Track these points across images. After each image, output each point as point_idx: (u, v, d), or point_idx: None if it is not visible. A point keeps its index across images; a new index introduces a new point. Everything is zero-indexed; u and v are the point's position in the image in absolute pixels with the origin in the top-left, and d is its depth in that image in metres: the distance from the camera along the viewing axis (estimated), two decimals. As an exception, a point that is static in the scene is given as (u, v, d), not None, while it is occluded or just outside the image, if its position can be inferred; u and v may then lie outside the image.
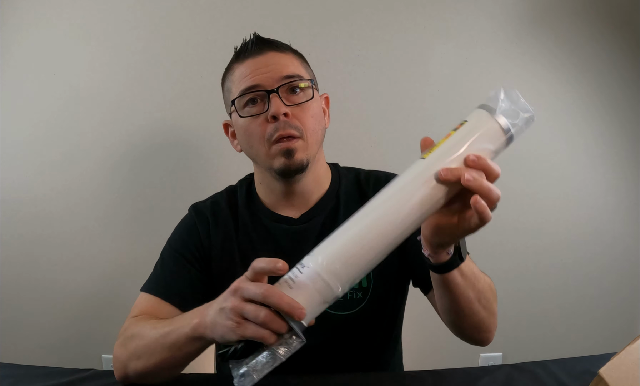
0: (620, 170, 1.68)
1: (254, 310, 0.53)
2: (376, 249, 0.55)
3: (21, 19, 1.49)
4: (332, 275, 0.53)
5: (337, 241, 0.55)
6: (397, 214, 0.54)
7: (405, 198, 0.55)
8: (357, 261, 0.54)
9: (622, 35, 1.63)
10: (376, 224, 0.55)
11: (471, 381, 0.77)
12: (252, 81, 0.81)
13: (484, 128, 0.57)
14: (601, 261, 1.71)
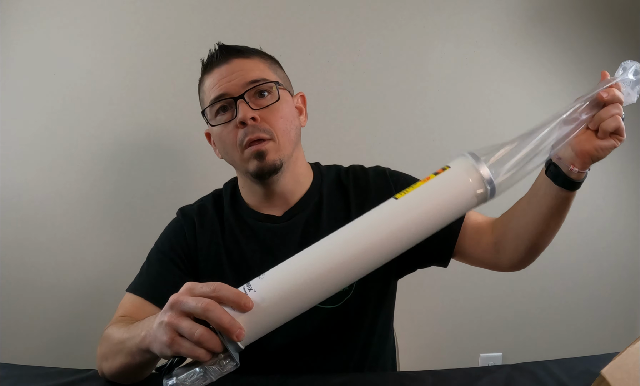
0: (620, 170, 1.68)
1: (189, 328, 0.52)
2: (321, 293, 0.55)
3: (21, 19, 1.49)
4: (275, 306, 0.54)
5: (283, 273, 0.55)
6: (359, 259, 0.55)
7: (370, 244, 0.55)
8: (293, 302, 0.54)
9: (622, 35, 1.63)
10: (330, 268, 0.55)
11: (471, 381, 0.77)
12: (219, 90, 0.83)
13: (462, 183, 0.56)
14: (601, 261, 1.72)
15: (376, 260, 0.56)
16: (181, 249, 0.89)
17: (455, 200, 0.56)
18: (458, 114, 1.62)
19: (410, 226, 0.55)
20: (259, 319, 0.54)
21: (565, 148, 0.67)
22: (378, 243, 0.55)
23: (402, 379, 0.80)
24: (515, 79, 1.62)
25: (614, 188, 1.69)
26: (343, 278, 0.55)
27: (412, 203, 0.56)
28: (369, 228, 0.56)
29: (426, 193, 0.56)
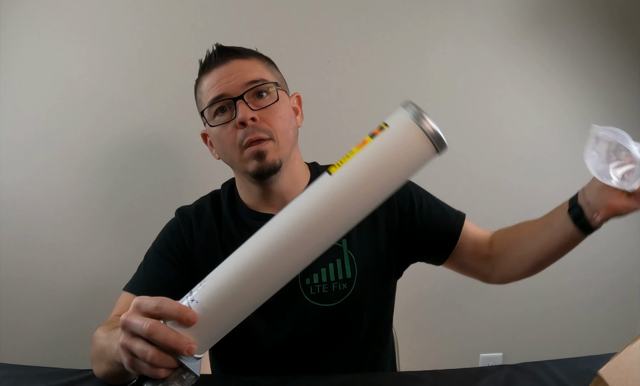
0: (620, 170, 1.68)
1: (141, 351, 0.51)
2: (264, 292, 0.52)
3: (21, 19, 1.49)
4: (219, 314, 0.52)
5: (221, 276, 0.53)
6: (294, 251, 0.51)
7: (305, 229, 0.50)
8: (237, 307, 0.52)
9: (622, 35, 1.63)
10: (264, 265, 0.51)
11: (471, 381, 0.77)
12: (218, 91, 0.83)
13: (406, 138, 0.48)
14: (601, 261, 1.72)
15: (317, 247, 0.51)
16: (178, 249, 0.89)
17: (399, 164, 0.49)
18: (458, 114, 1.62)
19: (350, 203, 0.49)
20: (207, 328, 0.52)
21: (596, 195, 0.68)
22: (316, 228, 0.50)
23: (402, 379, 0.80)
24: (515, 79, 1.62)
25: (614, 188, 1.69)
26: (283, 273, 0.52)
27: (350, 177, 0.49)
28: (304, 213, 0.50)
29: (365, 162, 0.49)
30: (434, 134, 0.48)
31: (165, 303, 0.52)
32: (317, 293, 0.86)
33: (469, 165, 1.63)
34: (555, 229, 0.77)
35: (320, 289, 0.86)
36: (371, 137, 0.50)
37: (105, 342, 0.70)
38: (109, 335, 0.70)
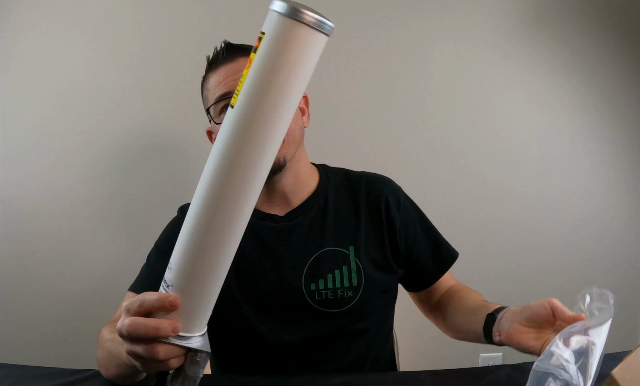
0: (620, 170, 1.68)
1: (147, 352, 0.52)
2: (225, 251, 0.51)
3: (21, 19, 1.49)
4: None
5: (181, 253, 0.52)
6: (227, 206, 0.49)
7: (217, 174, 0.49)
8: (207, 274, 0.52)
9: (622, 35, 1.63)
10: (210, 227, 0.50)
11: (471, 381, 0.77)
12: (226, 88, 0.83)
13: (286, 36, 0.45)
14: (601, 261, 1.72)
15: (250, 181, 0.50)
16: None
17: (292, 65, 0.46)
18: (457, 114, 1.62)
19: (262, 127, 0.47)
20: (192, 302, 0.52)
21: (510, 318, 0.69)
22: (241, 163, 0.48)
23: (402, 379, 0.80)
24: (514, 80, 1.62)
25: (614, 188, 1.69)
26: (231, 223, 0.50)
27: (250, 101, 0.46)
28: (223, 155, 0.48)
29: (258, 81, 0.46)
30: (311, 19, 0.45)
31: (145, 297, 0.52)
32: (322, 299, 0.85)
33: (468, 165, 1.63)
34: (476, 321, 0.78)
35: (326, 295, 0.85)
36: (254, 52, 0.47)
37: (111, 346, 0.70)
38: (114, 338, 0.69)
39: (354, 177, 0.95)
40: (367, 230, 0.89)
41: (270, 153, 0.49)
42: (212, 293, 0.54)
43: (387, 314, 0.96)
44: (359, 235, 0.88)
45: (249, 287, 0.87)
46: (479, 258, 1.67)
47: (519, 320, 0.66)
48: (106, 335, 0.75)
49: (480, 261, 1.67)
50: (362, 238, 0.88)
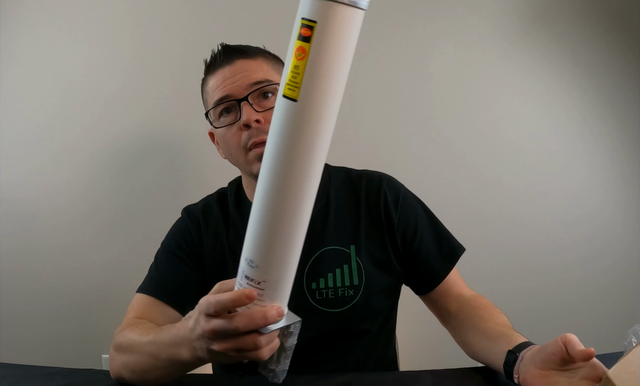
0: (619, 169, 1.68)
1: (249, 344, 0.53)
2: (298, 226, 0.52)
3: (21, 19, 1.49)
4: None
5: (250, 236, 0.54)
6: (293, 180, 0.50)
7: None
8: (287, 247, 0.53)
9: (621, 36, 1.63)
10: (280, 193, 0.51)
11: (471, 381, 0.77)
12: (223, 92, 0.83)
13: (339, 21, 0.46)
14: (600, 260, 1.72)
15: (319, 161, 0.51)
16: (188, 248, 0.89)
17: (346, 47, 0.49)
18: (457, 113, 1.62)
19: (327, 114, 0.49)
20: (282, 285, 0.54)
21: (530, 361, 0.65)
22: (312, 151, 0.50)
23: (402, 379, 0.80)
24: (514, 79, 1.62)
25: (613, 188, 1.69)
26: (303, 199, 0.52)
27: (315, 91, 0.48)
28: (295, 147, 0.49)
29: (322, 68, 0.47)
30: (356, 0, 0.46)
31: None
32: (323, 298, 0.85)
33: (468, 164, 1.63)
34: (496, 352, 0.74)
35: (327, 295, 0.85)
36: (307, 41, 0.47)
37: (156, 349, 0.68)
38: (156, 340, 0.68)
39: (355, 176, 0.94)
40: (368, 229, 0.89)
41: (329, 135, 0.51)
42: (295, 265, 0.55)
43: (389, 316, 0.95)
44: (360, 234, 0.88)
45: None
46: (478, 257, 1.67)
47: (535, 363, 0.63)
48: (138, 337, 0.72)
49: (479, 259, 1.67)
50: (363, 236, 0.88)
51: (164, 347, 0.66)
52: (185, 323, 0.61)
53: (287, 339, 0.55)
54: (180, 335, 0.62)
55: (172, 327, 0.66)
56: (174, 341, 0.64)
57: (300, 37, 0.47)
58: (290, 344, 0.56)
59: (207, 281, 0.88)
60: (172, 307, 0.84)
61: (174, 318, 0.84)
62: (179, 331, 0.63)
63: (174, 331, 0.64)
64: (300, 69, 0.47)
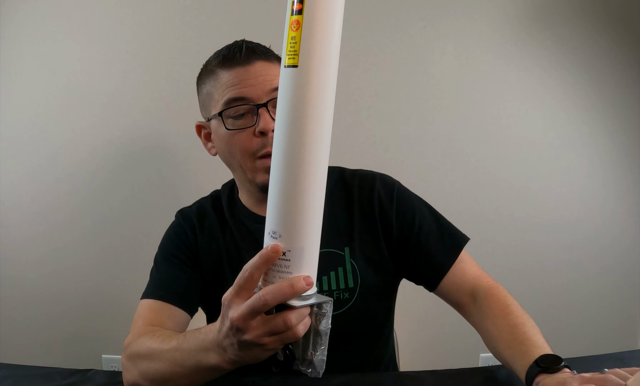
0: (620, 170, 1.68)
1: (274, 325, 0.52)
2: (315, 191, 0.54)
3: (21, 19, 1.49)
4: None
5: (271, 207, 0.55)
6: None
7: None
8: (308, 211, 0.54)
9: (621, 36, 1.63)
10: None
11: (471, 381, 0.77)
12: (240, 93, 0.79)
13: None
14: (601, 260, 1.71)
15: (323, 132, 0.54)
16: (185, 249, 0.88)
17: (337, 11, 0.52)
18: (458, 114, 1.62)
19: (329, 76, 0.53)
20: (308, 257, 0.54)
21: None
22: (317, 108, 0.53)
23: (402, 379, 0.80)
24: (514, 80, 1.62)
25: (613, 188, 1.69)
26: (317, 167, 0.53)
27: (314, 56, 0.51)
28: (303, 110, 0.52)
29: (316, 34, 0.51)
30: None
31: (248, 264, 0.53)
32: None
33: (469, 164, 1.63)
34: (521, 362, 0.68)
35: None
36: (299, 14, 0.52)
37: (180, 356, 0.66)
38: (180, 346, 0.66)
39: (348, 176, 0.92)
40: (362, 230, 0.87)
41: (333, 93, 0.54)
42: (318, 231, 0.55)
43: (386, 317, 0.95)
44: (354, 236, 0.87)
45: None
46: (478, 257, 1.66)
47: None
48: (158, 345, 0.69)
49: (479, 259, 1.66)
50: (357, 238, 0.87)
51: (190, 353, 0.64)
52: (211, 326, 0.60)
53: (320, 321, 0.54)
54: (208, 339, 0.61)
55: (197, 333, 0.64)
56: (201, 346, 0.62)
57: (293, 12, 0.52)
58: (324, 327, 0.55)
59: (204, 283, 0.88)
60: (179, 308, 0.82)
61: (183, 321, 0.84)
62: (206, 336, 0.61)
63: (201, 337, 0.63)
64: (297, 39, 0.51)
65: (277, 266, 0.53)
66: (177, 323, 0.82)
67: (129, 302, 0.87)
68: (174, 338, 0.68)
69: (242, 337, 0.54)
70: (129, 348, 0.75)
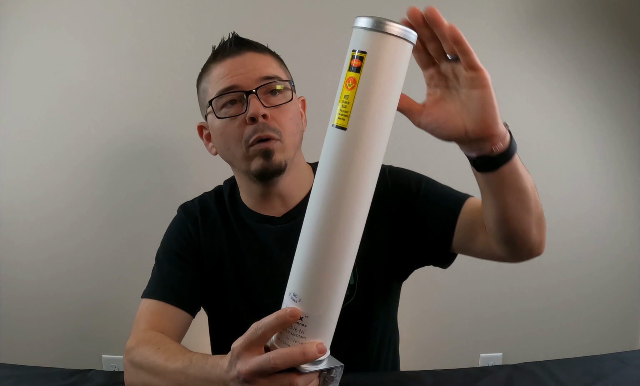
0: (619, 170, 1.68)
1: (280, 385, 0.52)
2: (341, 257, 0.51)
3: (21, 19, 1.49)
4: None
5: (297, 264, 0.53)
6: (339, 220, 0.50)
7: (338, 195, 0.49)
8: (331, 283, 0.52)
9: (621, 36, 1.63)
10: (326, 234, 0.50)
11: (471, 381, 0.77)
12: (230, 82, 0.79)
13: (390, 53, 0.49)
14: (601, 261, 1.72)
15: (369, 189, 0.51)
16: (188, 245, 0.88)
17: (396, 79, 0.51)
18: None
19: (378, 143, 0.50)
20: (326, 323, 0.53)
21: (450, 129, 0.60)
22: (361, 177, 0.50)
23: (402, 379, 0.80)
24: (514, 80, 1.62)
25: (613, 188, 1.69)
26: (349, 237, 0.51)
27: (365, 120, 0.48)
28: (347, 175, 0.50)
29: (371, 98, 0.48)
30: (406, 32, 0.50)
31: (263, 323, 0.52)
32: None
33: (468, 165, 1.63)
34: (480, 184, 0.70)
35: None
36: (356, 71, 0.48)
37: (185, 381, 0.65)
38: (185, 370, 0.65)
39: None
40: None
41: (380, 163, 0.51)
42: (340, 303, 0.54)
43: (388, 314, 0.94)
44: None
45: (250, 291, 0.86)
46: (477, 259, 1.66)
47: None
48: (163, 362, 0.69)
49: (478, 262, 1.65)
50: None
51: (195, 381, 0.63)
52: (220, 361, 0.60)
53: (327, 384, 0.54)
54: (214, 373, 0.60)
55: (203, 362, 0.64)
56: (207, 378, 0.61)
57: (351, 68, 0.49)
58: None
59: (206, 278, 0.88)
60: (181, 309, 0.82)
61: (185, 323, 0.84)
62: (213, 369, 0.60)
63: (207, 368, 0.62)
64: (350, 99, 0.48)
65: (292, 329, 0.52)
66: (179, 326, 0.82)
67: (129, 302, 0.87)
68: (179, 358, 0.68)
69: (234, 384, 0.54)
70: (131, 353, 0.74)
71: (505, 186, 0.65)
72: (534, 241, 0.70)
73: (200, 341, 1.04)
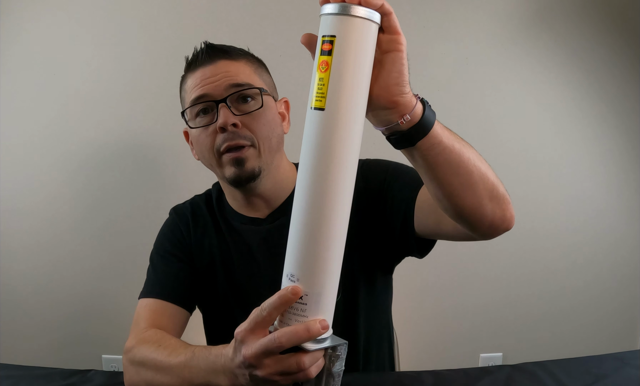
0: (621, 171, 1.68)
1: (292, 366, 0.52)
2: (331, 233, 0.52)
3: (21, 20, 1.49)
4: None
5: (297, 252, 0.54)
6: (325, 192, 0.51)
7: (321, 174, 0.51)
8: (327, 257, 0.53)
9: (622, 35, 1.63)
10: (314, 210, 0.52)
11: (471, 381, 0.77)
12: (201, 91, 0.80)
13: (358, 35, 0.52)
14: (601, 262, 1.72)
15: (352, 167, 0.53)
16: (180, 244, 0.89)
17: (366, 59, 0.53)
18: (458, 114, 1.62)
19: (355, 121, 0.52)
20: (325, 301, 0.53)
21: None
22: (344, 151, 0.52)
23: (402, 379, 0.80)
24: (515, 80, 1.62)
25: (614, 189, 1.69)
26: (339, 214, 0.53)
27: (341, 99, 0.51)
28: (322, 158, 0.51)
29: (344, 79, 0.51)
30: (370, 13, 0.51)
31: (266, 303, 0.52)
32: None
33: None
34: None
35: None
36: (328, 55, 0.51)
37: (189, 374, 0.65)
38: (189, 363, 0.65)
39: None
40: None
41: (359, 138, 0.53)
42: (337, 277, 0.54)
43: (379, 311, 0.93)
44: None
45: (240, 292, 0.87)
46: (479, 259, 1.67)
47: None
48: (165, 358, 0.69)
49: (480, 262, 1.67)
50: None
51: (200, 372, 0.63)
52: (223, 350, 0.60)
53: (333, 363, 0.54)
54: (219, 363, 0.60)
55: (207, 353, 0.64)
56: (212, 368, 0.61)
57: (322, 53, 0.51)
58: (337, 369, 0.55)
59: (197, 277, 0.88)
60: (178, 305, 0.83)
61: (183, 320, 0.84)
62: (217, 359, 0.60)
63: (212, 358, 0.62)
64: (325, 80, 0.51)
65: (294, 308, 0.53)
66: (177, 323, 0.82)
67: (129, 302, 0.87)
68: (181, 352, 0.68)
69: (254, 372, 0.54)
70: (131, 353, 0.74)
71: (432, 163, 0.63)
72: (491, 216, 0.68)
73: (197, 341, 1.03)
